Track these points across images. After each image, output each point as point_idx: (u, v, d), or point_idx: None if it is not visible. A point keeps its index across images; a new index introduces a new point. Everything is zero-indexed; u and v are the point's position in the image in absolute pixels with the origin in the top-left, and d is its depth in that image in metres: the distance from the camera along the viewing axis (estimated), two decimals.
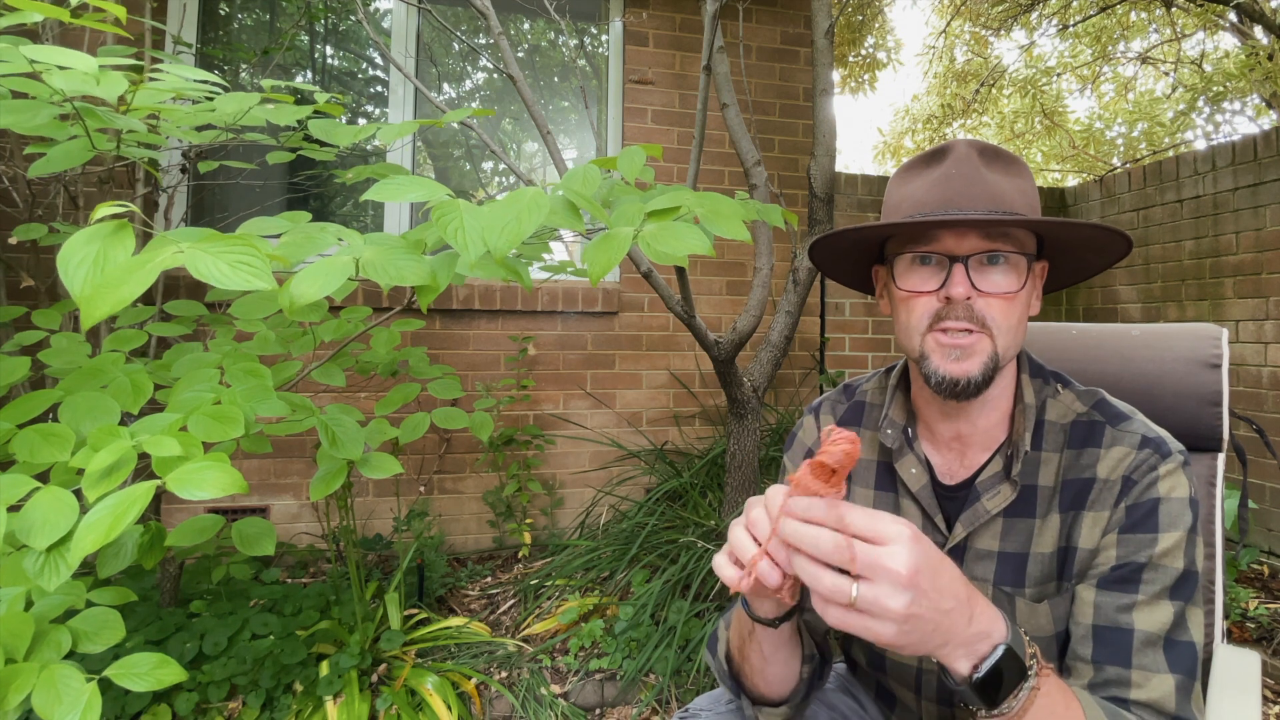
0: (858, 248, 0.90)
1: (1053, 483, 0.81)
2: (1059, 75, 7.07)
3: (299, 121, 1.39)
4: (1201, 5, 5.05)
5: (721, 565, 0.63)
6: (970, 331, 0.77)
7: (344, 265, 0.81)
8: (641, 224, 0.88)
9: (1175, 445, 0.78)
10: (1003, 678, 0.60)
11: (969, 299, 0.77)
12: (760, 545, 0.61)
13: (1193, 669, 0.70)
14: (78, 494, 0.90)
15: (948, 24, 6.81)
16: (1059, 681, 0.65)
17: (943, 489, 0.87)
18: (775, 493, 0.61)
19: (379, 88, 3.33)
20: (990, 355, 0.77)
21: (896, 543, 0.55)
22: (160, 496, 1.99)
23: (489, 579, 2.70)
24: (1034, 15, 6.11)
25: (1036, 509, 0.81)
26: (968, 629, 0.59)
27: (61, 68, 0.98)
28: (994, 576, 0.81)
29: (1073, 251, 0.86)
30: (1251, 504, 3.04)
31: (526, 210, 0.79)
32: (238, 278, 0.68)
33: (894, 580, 0.54)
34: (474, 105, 3.44)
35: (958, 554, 0.83)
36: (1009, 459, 0.82)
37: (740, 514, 0.64)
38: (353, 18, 3.24)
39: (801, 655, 0.82)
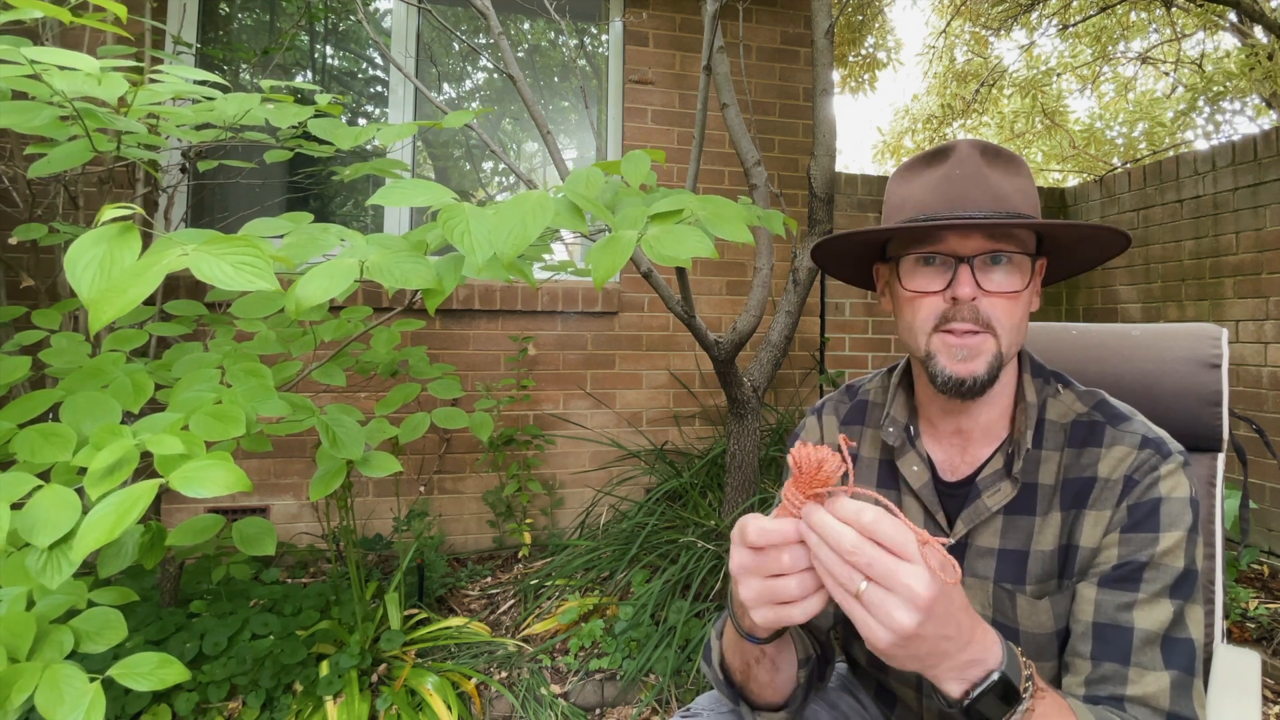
0: (860, 246, 0.91)
1: (1053, 481, 0.81)
2: (1059, 75, 7.07)
3: (299, 121, 1.39)
4: (1201, 5, 5.06)
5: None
6: (975, 332, 0.78)
7: (349, 268, 0.81)
8: (645, 227, 0.88)
9: (1175, 446, 0.79)
10: (993, 704, 0.61)
11: (974, 299, 0.77)
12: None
13: (1190, 666, 0.71)
14: (80, 493, 0.90)
15: (948, 24, 6.82)
16: (1057, 701, 0.65)
17: (944, 486, 0.87)
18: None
19: (379, 88, 3.33)
20: (995, 354, 0.78)
21: (921, 565, 0.55)
22: (160, 497, 1.98)
23: (489, 579, 2.70)
24: (1034, 15, 6.11)
25: (1037, 507, 0.81)
26: (960, 655, 0.60)
27: (63, 68, 0.98)
28: (994, 574, 0.82)
29: (1071, 248, 0.87)
30: (1252, 504, 3.05)
31: (532, 213, 0.79)
32: (241, 279, 0.68)
33: (910, 598, 0.54)
34: (474, 105, 3.44)
35: (958, 551, 0.84)
36: (1010, 456, 0.83)
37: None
38: (353, 18, 3.24)
39: (798, 659, 0.83)
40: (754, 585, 0.62)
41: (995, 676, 0.60)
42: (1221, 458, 1.10)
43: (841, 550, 0.56)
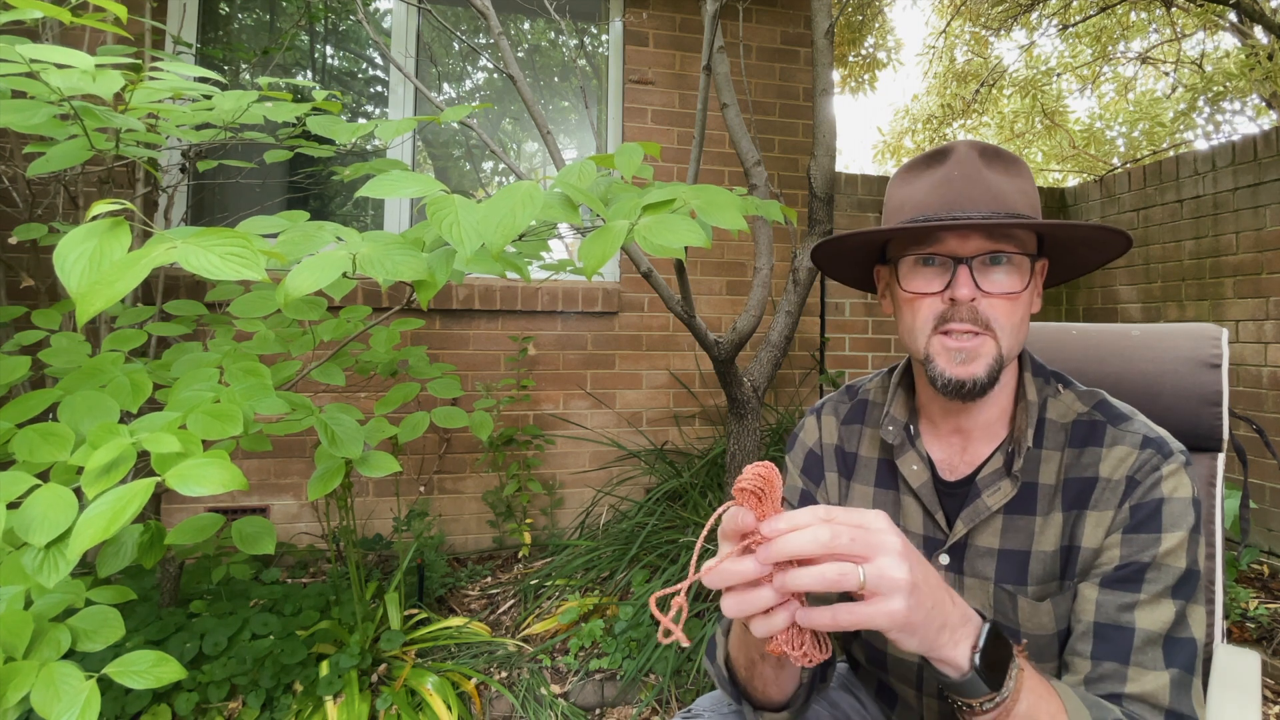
0: (860, 249, 0.91)
1: (1054, 481, 0.81)
2: (1059, 75, 7.07)
3: (297, 119, 1.39)
4: (1201, 5, 5.05)
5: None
6: (975, 334, 0.78)
7: (340, 260, 0.81)
8: (638, 217, 0.88)
9: (1176, 445, 0.78)
10: (999, 654, 0.62)
11: (973, 300, 0.77)
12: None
13: (1191, 664, 0.71)
14: (78, 492, 0.90)
15: (948, 24, 6.81)
16: (1027, 659, 0.66)
17: (944, 485, 0.87)
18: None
19: (379, 88, 3.33)
20: (995, 356, 0.78)
21: (881, 521, 0.57)
22: (160, 497, 1.98)
23: (489, 579, 2.70)
24: (1034, 15, 6.11)
25: (1037, 506, 0.81)
26: (954, 608, 0.60)
27: (59, 66, 0.98)
28: (995, 574, 0.81)
29: (1072, 249, 0.86)
30: (1252, 504, 3.04)
31: (521, 203, 0.79)
32: (228, 269, 0.68)
33: (893, 552, 0.55)
34: (473, 104, 3.43)
35: (958, 551, 0.83)
36: (1010, 455, 0.82)
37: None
38: (353, 18, 3.24)
39: None
40: (766, 596, 0.57)
41: (987, 626, 0.62)
42: (1221, 458, 1.09)
43: (820, 545, 0.54)
